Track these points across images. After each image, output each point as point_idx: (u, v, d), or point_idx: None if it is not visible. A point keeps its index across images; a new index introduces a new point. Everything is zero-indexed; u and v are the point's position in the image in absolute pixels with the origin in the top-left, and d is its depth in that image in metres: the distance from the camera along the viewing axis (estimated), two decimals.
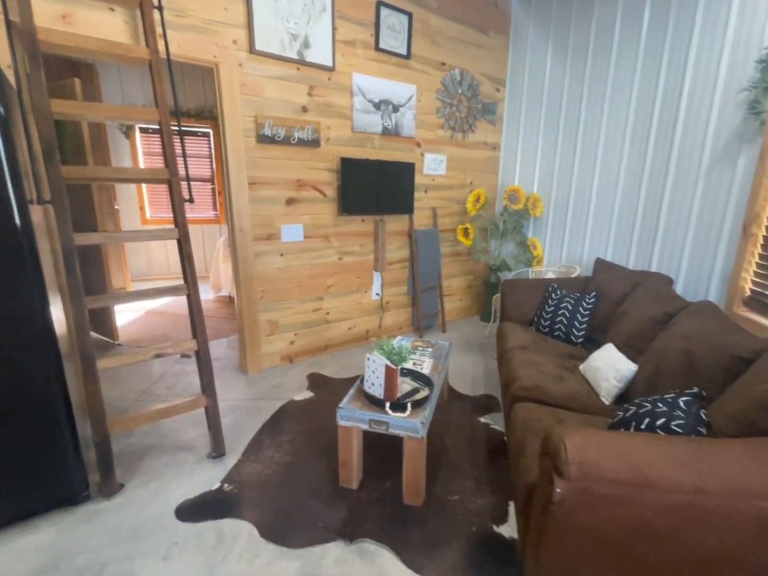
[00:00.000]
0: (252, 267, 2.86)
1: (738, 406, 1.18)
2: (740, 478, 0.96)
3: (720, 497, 0.96)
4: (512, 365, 2.23)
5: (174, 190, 1.91)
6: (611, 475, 1.00)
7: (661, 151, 2.77)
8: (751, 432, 1.11)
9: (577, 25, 3.34)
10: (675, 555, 1.05)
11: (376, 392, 1.83)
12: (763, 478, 0.95)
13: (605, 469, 1.00)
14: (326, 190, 3.10)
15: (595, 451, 1.02)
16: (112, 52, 1.85)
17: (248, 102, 2.62)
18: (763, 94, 1.99)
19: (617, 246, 3.21)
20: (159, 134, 3.89)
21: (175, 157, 1.91)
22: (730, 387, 1.36)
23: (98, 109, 1.81)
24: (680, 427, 1.23)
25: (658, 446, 1.03)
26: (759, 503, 0.94)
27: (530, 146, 3.92)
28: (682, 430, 1.22)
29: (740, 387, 1.29)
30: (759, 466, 0.97)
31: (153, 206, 5.68)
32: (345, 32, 2.91)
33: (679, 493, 0.98)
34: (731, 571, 1.04)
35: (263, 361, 3.10)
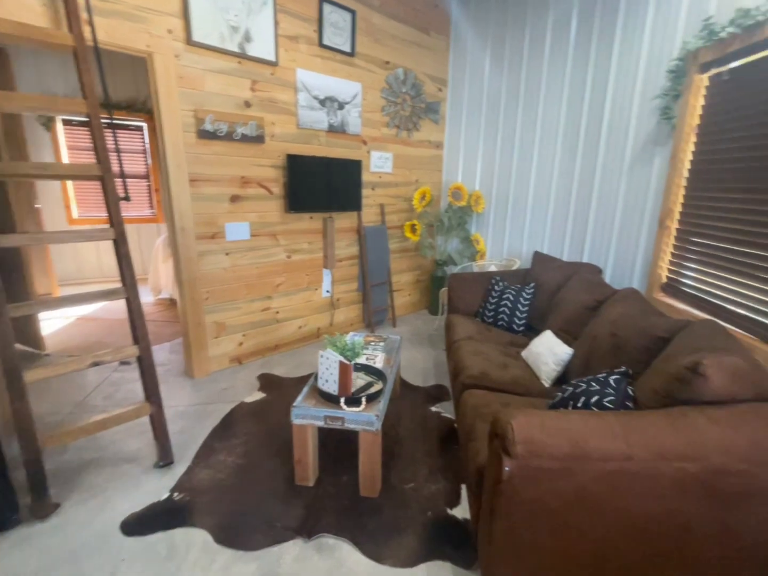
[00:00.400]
0: (196, 267, 2.76)
1: (658, 380, 1.32)
2: (662, 444, 1.08)
3: (645, 462, 1.08)
4: (460, 355, 2.33)
5: (108, 188, 1.80)
6: (553, 450, 1.09)
7: (589, 152, 2.99)
8: (669, 403, 1.24)
9: (512, 29, 3.51)
10: (608, 518, 1.17)
11: (331, 388, 1.84)
12: (681, 442, 1.08)
13: (548, 446, 1.09)
14: (272, 187, 3.04)
15: (538, 430, 1.10)
16: (30, 37, 1.70)
17: (187, 95, 2.51)
18: (674, 101, 2.21)
19: (553, 239, 3.43)
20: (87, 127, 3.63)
21: (107, 151, 1.80)
22: (652, 364, 1.51)
23: (12, 98, 1.66)
24: (611, 403, 1.35)
25: (593, 421, 1.14)
26: (678, 464, 1.07)
27: (472, 145, 4.07)
28: (612, 405, 1.35)
29: (659, 363, 1.44)
30: (677, 433, 1.09)
31: (81, 205, 5.27)
32: (287, 27, 2.86)
33: (611, 461, 1.08)
34: (655, 528, 1.17)
35: (210, 364, 3.00)
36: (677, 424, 1.10)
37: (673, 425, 1.10)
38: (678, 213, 2.25)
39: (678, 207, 2.24)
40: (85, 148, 5.12)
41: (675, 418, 1.12)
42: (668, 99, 2.25)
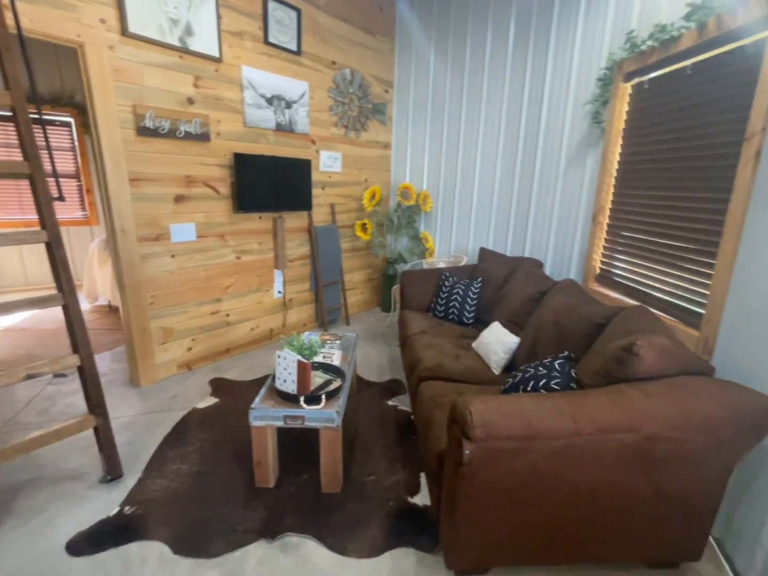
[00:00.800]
0: (138, 271, 2.60)
1: (597, 362, 1.43)
2: (604, 419, 1.17)
3: (590, 436, 1.17)
4: (415, 349, 2.38)
5: (38, 187, 1.65)
6: (508, 431, 1.15)
7: (528, 153, 3.16)
8: (609, 381, 1.35)
9: (455, 36, 3.62)
10: (559, 490, 1.25)
11: (289, 388, 1.82)
12: (620, 417, 1.18)
13: (504, 427, 1.15)
14: (219, 186, 2.93)
15: (494, 413, 1.16)
16: None
17: (123, 90, 2.36)
18: (603, 107, 2.39)
19: (497, 235, 3.58)
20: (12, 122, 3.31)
21: (36, 148, 1.65)
22: (591, 348, 1.63)
23: None
24: (558, 385, 1.44)
25: (543, 402, 1.21)
26: (618, 436, 1.17)
27: (419, 146, 4.15)
28: (559, 387, 1.44)
29: (597, 347, 1.56)
30: (616, 408, 1.19)
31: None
32: (231, 22, 2.77)
33: (560, 438, 1.16)
34: (600, 494, 1.26)
35: (158, 372, 2.84)
36: (616, 400, 1.20)
37: (613, 401, 1.19)
38: (608, 209, 2.43)
39: (608, 204, 2.43)
40: (6, 145, 4.65)
41: (614, 394, 1.22)
42: (598, 105, 2.43)
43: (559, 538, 1.34)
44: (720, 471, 1.28)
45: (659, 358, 1.26)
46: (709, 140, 1.76)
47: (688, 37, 1.78)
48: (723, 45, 1.66)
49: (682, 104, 1.90)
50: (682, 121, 1.91)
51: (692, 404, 1.17)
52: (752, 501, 1.45)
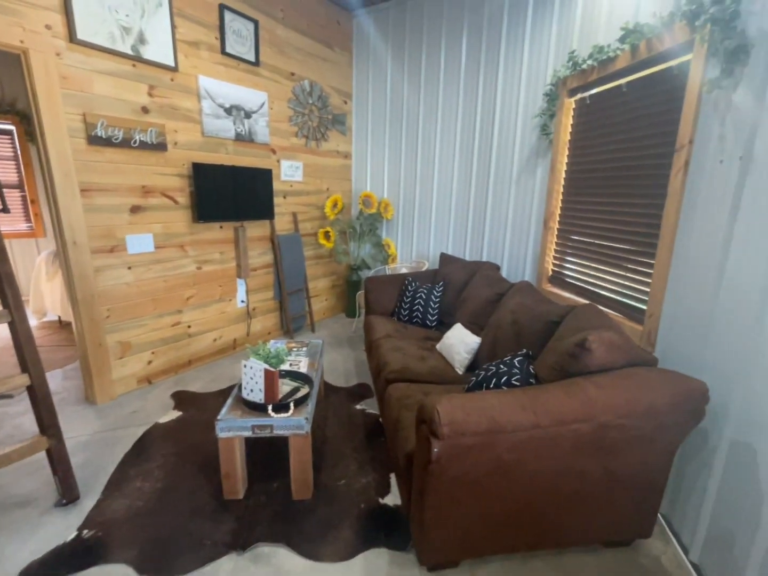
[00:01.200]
0: (92, 284, 2.46)
1: (553, 358, 1.50)
2: (561, 411, 1.22)
3: (549, 428, 1.22)
4: (381, 353, 2.39)
5: None
6: (474, 427, 1.18)
7: (483, 162, 3.27)
8: (564, 375, 1.41)
9: (410, 48, 3.71)
10: (521, 480, 1.29)
11: (257, 397, 1.77)
12: (575, 408, 1.23)
13: (469, 424, 1.17)
14: (178, 196, 2.83)
15: (461, 411, 1.18)
16: None
17: (72, 97, 2.23)
18: (550, 120, 2.52)
19: (456, 241, 3.66)
20: None
21: None
22: (547, 345, 1.70)
23: None
24: (518, 381, 1.50)
25: (505, 398, 1.25)
26: (574, 426, 1.22)
27: (378, 155, 4.20)
28: (519, 383, 1.49)
29: (552, 344, 1.63)
30: (572, 400, 1.25)
31: None
32: (187, 32, 2.69)
33: (522, 431, 1.20)
34: (559, 480, 1.31)
35: (115, 388, 2.69)
36: (572, 393, 1.25)
37: (569, 394, 1.25)
38: (558, 215, 2.56)
39: (558, 210, 2.55)
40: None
41: (570, 387, 1.28)
42: (545, 118, 2.55)
43: (524, 526, 1.38)
44: (665, 453, 1.37)
45: (608, 352, 1.34)
46: (645, 151, 1.89)
47: (623, 58, 1.92)
48: (653, 65, 1.80)
49: (620, 118, 2.04)
50: (620, 133, 2.04)
51: (638, 393, 1.25)
52: (693, 479, 1.56)
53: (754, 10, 1.36)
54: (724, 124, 1.46)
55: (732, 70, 1.42)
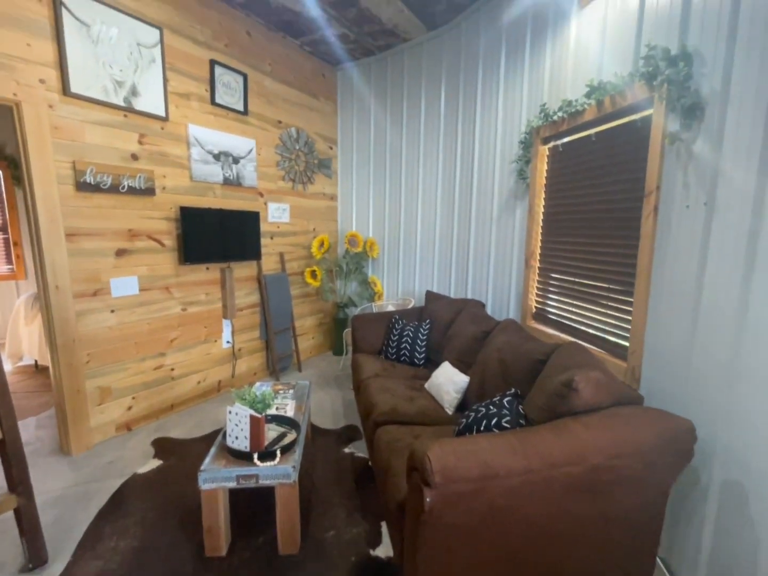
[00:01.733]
0: (73, 329, 2.38)
1: (541, 398, 1.49)
2: (551, 454, 1.20)
3: (541, 471, 1.19)
4: (369, 393, 2.34)
5: None
6: (466, 474, 1.14)
7: (464, 203, 3.36)
8: (553, 415, 1.40)
9: (392, 97, 3.88)
10: (515, 525, 1.24)
11: (242, 445, 1.70)
12: (566, 450, 1.21)
13: (461, 470, 1.14)
14: (165, 239, 2.82)
15: (452, 457, 1.15)
16: None
17: (63, 147, 2.25)
18: (526, 165, 2.63)
19: (440, 278, 3.70)
20: None
21: None
22: (535, 383, 1.69)
23: None
24: (508, 423, 1.47)
25: (496, 442, 1.22)
26: (565, 469, 1.20)
27: (363, 196, 4.29)
28: (509, 425, 1.47)
29: (540, 382, 1.62)
30: (562, 442, 1.23)
31: None
32: (178, 85, 2.77)
33: (514, 476, 1.17)
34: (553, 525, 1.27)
35: (92, 436, 2.55)
36: (561, 434, 1.24)
37: (558, 436, 1.23)
38: (538, 254, 2.62)
39: (538, 249, 2.62)
40: None
41: (559, 429, 1.26)
42: (522, 163, 2.66)
43: (518, 572, 1.32)
44: (658, 493, 1.35)
45: (595, 392, 1.34)
46: (617, 195, 1.97)
47: (590, 111, 2.04)
48: (618, 118, 1.92)
49: (592, 164, 2.14)
50: (593, 178, 2.14)
51: (626, 433, 1.24)
52: (689, 521, 1.53)
53: (705, 73, 1.48)
54: (687, 172, 1.55)
55: (690, 124, 1.52)
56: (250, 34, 3.27)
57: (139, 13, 2.51)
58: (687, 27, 1.56)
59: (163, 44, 2.64)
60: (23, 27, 2.06)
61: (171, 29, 2.70)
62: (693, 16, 1.53)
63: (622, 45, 1.88)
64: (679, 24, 1.58)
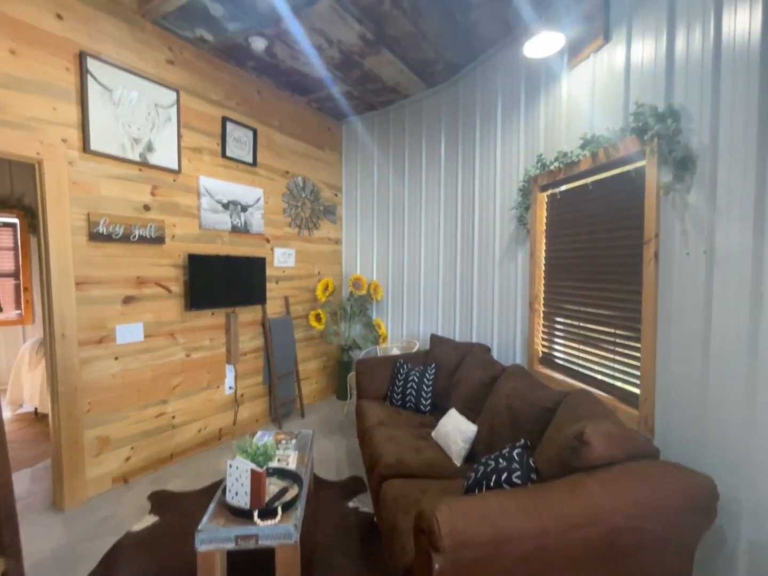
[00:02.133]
0: (76, 377, 2.35)
1: (552, 450, 1.43)
2: (567, 514, 1.13)
3: (557, 534, 1.12)
4: (374, 443, 2.26)
5: None
6: (477, 538, 1.07)
7: (466, 247, 3.41)
8: (565, 470, 1.33)
9: (394, 147, 4.04)
10: None
11: (242, 501, 1.62)
12: (582, 511, 1.15)
13: (472, 534, 1.07)
14: (172, 285, 2.84)
15: (461, 519, 1.09)
16: None
17: (79, 200, 2.33)
18: (525, 212, 2.69)
19: (445, 321, 3.68)
20: None
21: None
22: (545, 434, 1.63)
23: None
24: (519, 478, 1.41)
25: (507, 501, 1.16)
26: (583, 531, 1.13)
27: (367, 241, 4.36)
28: (520, 480, 1.40)
29: (551, 433, 1.57)
30: (577, 502, 1.16)
31: None
32: (191, 140, 2.91)
33: (528, 539, 1.10)
34: None
35: (87, 489, 2.45)
36: (576, 493, 1.17)
37: (573, 494, 1.17)
38: (542, 298, 2.61)
39: (541, 293, 2.62)
40: None
41: (573, 486, 1.20)
42: (521, 210, 2.72)
43: None
44: (683, 556, 1.26)
45: (608, 445, 1.28)
46: (616, 242, 2.00)
47: (585, 162, 2.11)
48: (613, 168, 1.98)
49: (590, 212, 2.18)
50: (592, 225, 2.17)
51: (645, 491, 1.18)
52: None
53: (693, 128, 1.53)
54: (685, 220, 1.57)
55: (683, 176, 1.56)
56: (260, 93, 3.46)
57: (158, 77, 2.68)
58: (672, 85, 1.64)
59: (179, 104, 2.79)
60: (51, 93, 2.19)
61: (187, 91, 2.87)
62: (677, 74, 1.62)
63: (611, 102, 1.97)
64: (665, 82, 1.66)
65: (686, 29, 1.57)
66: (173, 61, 2.78)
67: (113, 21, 2.45)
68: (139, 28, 2.58)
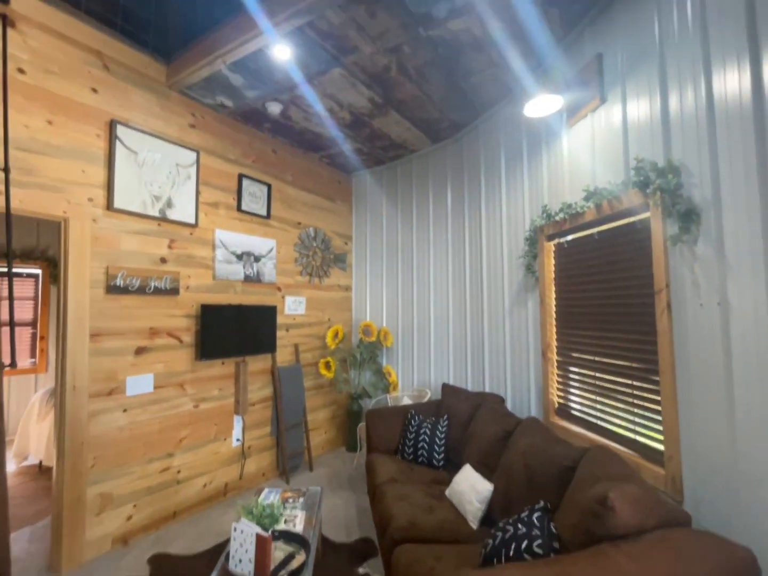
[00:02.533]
0: (84, 431, 2.32)
1: (574, 515, 1.33)
2: None
3: None
4: (385, 503, 2.15)
5: None
6: None
7: (475, 295, 3.40)
8: (589, 538, 1.24)
9: (402, 198, 4.17)
10: None
11: (245, 570, 1.53)
12: None
13: None
14: (183, 336, 2.86)
15: None
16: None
17: (100, 254, 2.41)
18: (533, 260, 2.70)
19: (456, 370, 3.60)
20: None
21: None
22: (565, 495, 1.54)
23: None
24: (540, 548, 1.31)
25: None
26: None
27: (377, 288, 4.39)
28: (542, 550, 1.30)
29: (571, 495, 1.47)
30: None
31: None
32: (209, 196, 3.04)
33: None
34: None
35: (86, 551, 2.34)
36: (602, 568, 1.08)
37: (599, 569, 1.08)
38: (555, 346, 2.56)
39: (554, 341, 2.56)
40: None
41: (599, 560, 1.11)
42: (529, 258, 2.73)
43: None
44: None
45: (634, 511, 1.20)
46: (627, 291, 1.97)
47: (590, 213, 2.14)
48: (618, 220, 1.99)
49: (598, 261, 2.18)
50: (601, 274, 2.16)
51: (678, 567, 1.08)
52: None
53: (694, 182, 1.56)
54: (694, 271, 1.55)
55: (688, 228, 1.56)
56: (275, 151, 3.64)
57: (180, 140, 2.85)
58: (669, 141, 1.68)
59: (199, 163, 2.95)
60: (82, 157, 2.34)
61: (206, 151, 3.04)
62: (673, 131, 1.66)
63: (611, 157, 2.02)
64: (662, 138, 1.71)
65: (678, 89, 1.64)
66: (195, 125, 2.97)
67: (142, 93, 2.65)
68: (164, 97, 2.78)
